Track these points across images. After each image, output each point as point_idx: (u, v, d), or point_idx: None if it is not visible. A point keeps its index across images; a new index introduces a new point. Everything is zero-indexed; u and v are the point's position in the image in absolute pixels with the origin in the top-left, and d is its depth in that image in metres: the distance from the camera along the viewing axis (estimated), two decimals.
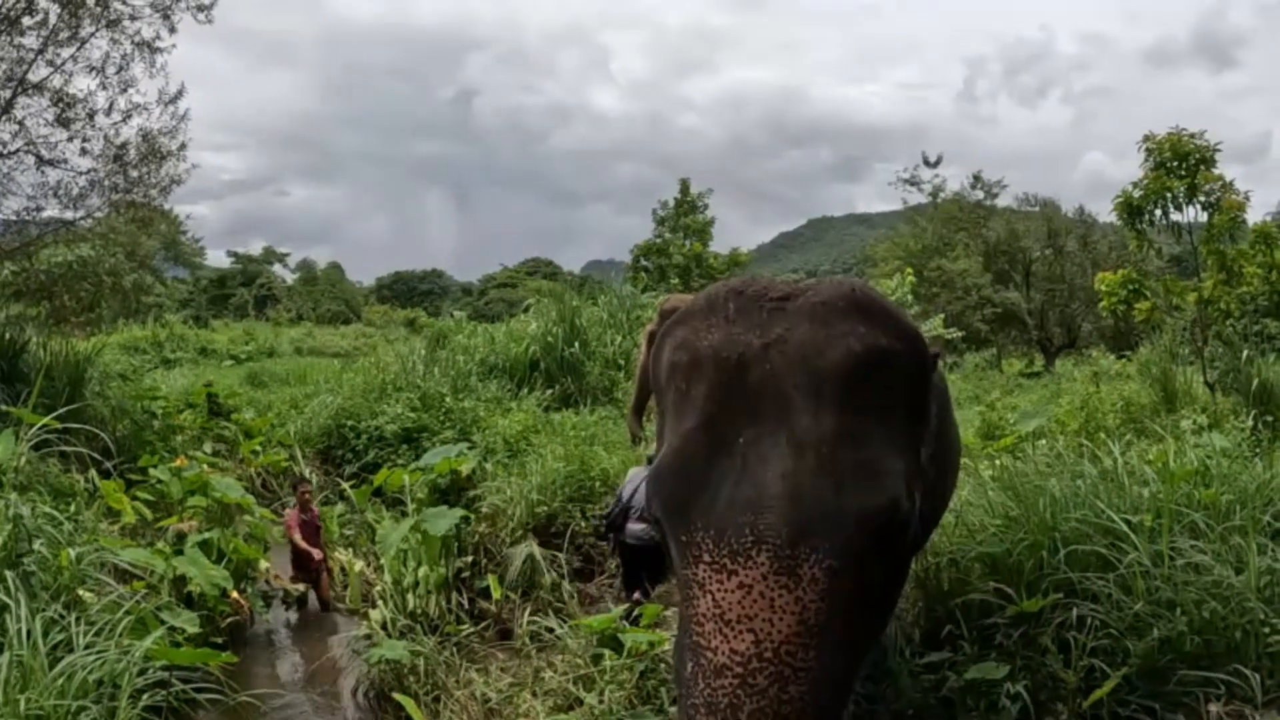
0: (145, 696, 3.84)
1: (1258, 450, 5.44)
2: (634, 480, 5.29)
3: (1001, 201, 28.45)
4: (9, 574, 4.11)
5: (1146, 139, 7.78)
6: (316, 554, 7.11)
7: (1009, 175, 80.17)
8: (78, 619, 4.07)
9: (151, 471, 7.47)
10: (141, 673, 3.88)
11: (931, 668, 3.83)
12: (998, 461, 5.59)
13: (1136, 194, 7.78)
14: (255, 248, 52.59)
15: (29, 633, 3.74)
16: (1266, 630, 3.55)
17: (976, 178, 28.26)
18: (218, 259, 49.30)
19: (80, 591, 4.56)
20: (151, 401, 10.63)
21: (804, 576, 2.21)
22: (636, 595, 5.25)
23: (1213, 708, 3.35)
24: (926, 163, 28.55)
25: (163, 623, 4.61)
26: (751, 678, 2.16)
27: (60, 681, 3.57)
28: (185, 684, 4.19)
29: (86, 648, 3.85)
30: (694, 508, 2.37)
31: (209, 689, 4.31)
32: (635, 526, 5.19)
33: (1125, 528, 4.06)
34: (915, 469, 2.59)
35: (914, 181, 28.58)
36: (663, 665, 4.36)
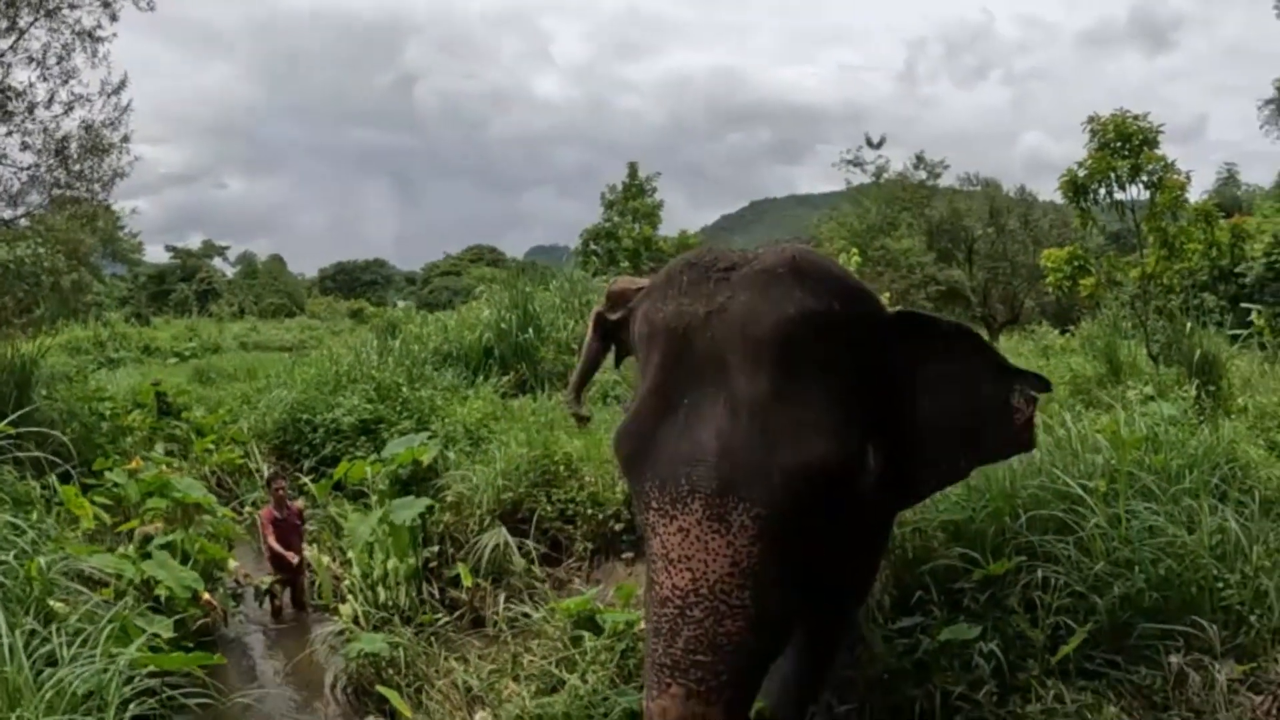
0: (133, 705, 3.82)
1: (1202, 418, 5.66)
2: None
3: (944, 181, 28.77)
4: None
5: (1091, 120, 7.97)
6: (291, 557, 6.88)
7: (949, 155, 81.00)
8: (58, 630, 4.01)
9: (107, 475, 7.34)
10: (128, 681, 3.85)
11: (904, 632, 3.97)
12: None
13: (1081, 173, 7.97)
14: (194, 242, 51.49)
15: (10, 648, 3.68)
16: (1220, 585, 3.75)
17: (919, 158, 28.53)
18: (156, 254, 48.09)
19: (51, 602, 4.49)
20: (99, 403, 10.36)
21: (734, 523, 2.44)
22: None
23: (1173, 659, 3.52)
24: (870, 144, 28.72)
25: (143, 630, 4.57)
26: (689, 610, 2.43)
27: (49, 696, 3.52)
28: (167, 689, 4.16)
29: (71, 660, 3.81)
30: (645, 462, 2.63)
31: (194, 693, 4.29)
32: None
33: (1082, 493, 4.24)
34: (869, 427, 2.71)
35: (857, 162, 28.73)
36: (641, 644, 4.43)
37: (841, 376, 2.65)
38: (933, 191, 28.08)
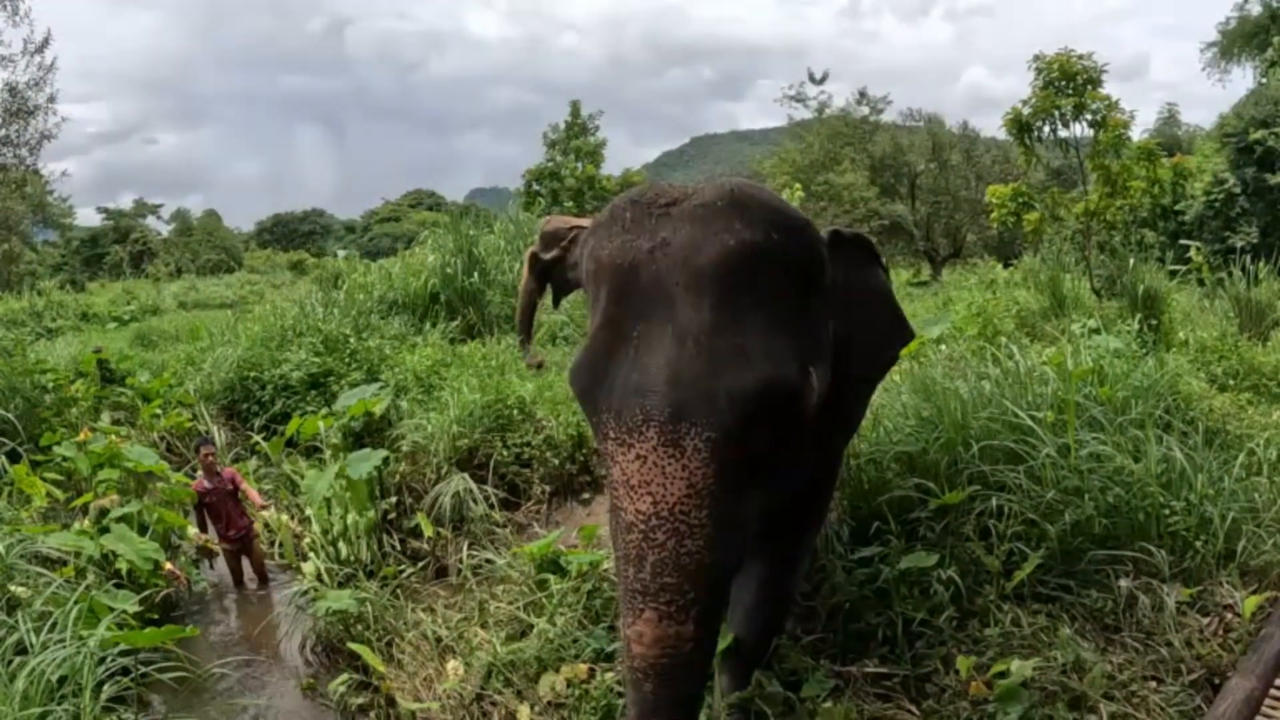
0: (107, 687, 3.78)
1: (1146, 351, 5.82)
2: None
3: (886, 117, 28.85)
4: None
5: (1037, 59, 8.06)
6: (214, 544, 6.57)
7: (892, 91, 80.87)
8: (24, 616, 3.94)
9: (56, 449, 7.15)
10: (100, 663, 3.81)
11: (864, 562, 4.07)
12: (905, 366, 5.78)
13: (1026, 111, 8.08)
14: (125, 201, 49.97)
15: None
16: (1167, 512, 3.90)
17: (862, 94, 28.53)
18: (87, 217, 46.53)
19: (13, 588, 4.40)
20: (41, 375, 9.98)
21: (687, 448, 2.54)
22: None
23: (1123, 583, 3.67)
24: (812, 79, 28.68)
25: (110, 609, 4.50)
26: (653, 533, 2.53)
27: (24, 687, 3.47)
28: (140, 666, 4.11)
29: (42, 647, 3.75)
30: (600, 394, 2.70)
31: (167, 667, 4.25)
32: None
33: (1031, 423, 4.34)
34: (810, 349, 2.83)
35: (799, 98, 28.69)
36: (606, 584, 4.49)
37: (782, 302, 2.75)
38: (875, 127, 28.12)
